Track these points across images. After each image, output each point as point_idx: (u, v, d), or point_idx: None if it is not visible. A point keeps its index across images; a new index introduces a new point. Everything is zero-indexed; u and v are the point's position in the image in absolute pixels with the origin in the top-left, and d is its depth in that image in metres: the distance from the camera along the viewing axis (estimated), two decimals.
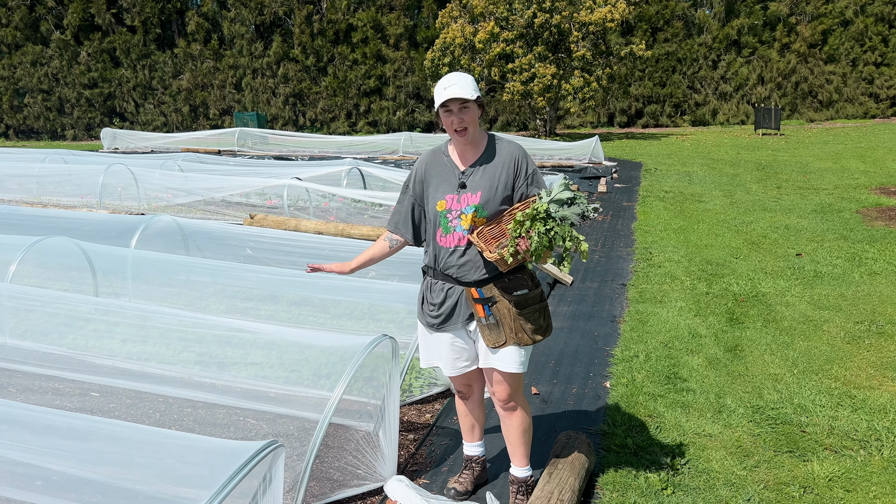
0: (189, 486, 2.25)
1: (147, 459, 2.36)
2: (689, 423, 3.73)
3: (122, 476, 2.79)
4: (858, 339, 5.01)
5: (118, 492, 2.84)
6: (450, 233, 2.68)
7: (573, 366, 4.62)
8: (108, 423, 2.57)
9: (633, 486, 3.11)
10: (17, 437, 2.75)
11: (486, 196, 2.65)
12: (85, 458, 2.80)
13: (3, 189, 11.30)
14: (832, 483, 3.15)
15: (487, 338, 2.68)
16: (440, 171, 2.75)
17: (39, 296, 4.30)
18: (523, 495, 2.90)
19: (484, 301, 2.64)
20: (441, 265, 2.73)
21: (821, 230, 8.82)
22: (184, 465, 2.21)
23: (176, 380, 3.99)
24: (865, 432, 3.62)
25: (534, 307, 2.69)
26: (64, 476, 2.95)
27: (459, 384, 2.98)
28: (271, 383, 3.97)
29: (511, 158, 2.71)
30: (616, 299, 6.13)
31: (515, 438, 2.88)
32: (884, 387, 4.19)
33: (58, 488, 2.89)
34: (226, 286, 5.59)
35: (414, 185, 2.82)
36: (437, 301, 2.75)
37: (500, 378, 2.75)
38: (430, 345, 2.90)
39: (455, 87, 2.56)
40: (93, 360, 4.23)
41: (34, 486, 2.96)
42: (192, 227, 6.20)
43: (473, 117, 2.63)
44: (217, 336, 4.21)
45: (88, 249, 5.05)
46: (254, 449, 2.11)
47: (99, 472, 2.91)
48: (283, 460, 2.21)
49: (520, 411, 2.85)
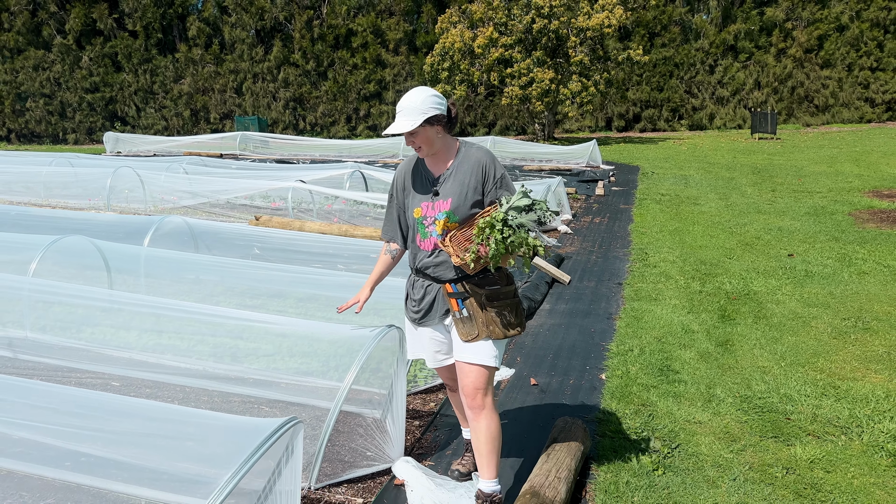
0: (220, 457, 2.44)
1: (173, 436, 2.55)
2: (680, 412, 3.93)
3: (144, 457, 2.98)
4: (845, 334, 5.21)
5: (143, 471, 3.03)
6: (427, 238, 2.83)
7: (570, 359, 4.81)
8: (135, 401, 2.77)
9: (626, 468, 3.31)
10: (49, 418, 2.93)
11: (456, 202, 2.78)
12: (111, 440, 2.99)
13: (10, 192, 11.49)
14: (813, 465, 3.34)
15: (461, 331, 2.79)
16: (416, 180, 2.90)
17: (59, 291, 4.49)
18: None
19: (457, 296, 2.79)
20: (420, 265, 2.89)
21: (813, 232, 9.03)
22: (218, 435, 2.40)
23: (192, 371, 4.18)
24: (847, 419, 3.82)
25: (505, 301, 2.80)
26: (91, 458, 3.14)
27: (444, 377, 3.13)
28: (283, 374, 4.16)
29: (478, 164, 2.81)
30: (612, 297, 6.32)
31: (482, 444, 2.82)
32: (867, 378, 4.39)
33: (87, 468, 3.08)
34: (235, 284, 5.79)
35: (396, 194, 2.98)
36: (417, 297, 2.92)
37: (470, 370, 2.81)
38: (414, 339, 3.05)
39: (396, 120, 2.70)
40: (111, 353, 4.41)
41: (64, 465, 3.15)
42: (201, 227, 6.39)
43: (424, 138, 2.74)
44: (230, 329, 4.40)
45: (104, 248, 5.24)
46: (277, 423, 2.30)
47: (124, 454, 3.11)
48: (302, 436, 2.40)
49: (487, 413, 2.83)
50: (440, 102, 2.74)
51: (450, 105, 2.82)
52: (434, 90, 2.76)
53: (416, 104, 2.68)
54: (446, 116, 2.77)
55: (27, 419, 2.97)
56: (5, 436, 3.24)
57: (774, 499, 3.06)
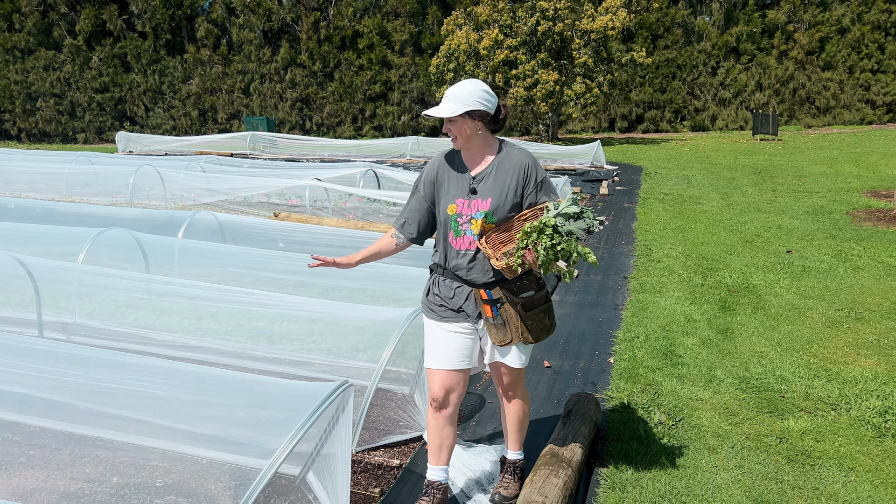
0: (276, 418, 2.79)
1: (243, 396, 2.90)
2: (683, 390, 4.27)
3: (226, 416, 3.33)
4: (838, 323, 5.54)
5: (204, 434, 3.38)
6: (460, 236, 2.76)
7: (580, 345, 5.15)
8: (199, 367, 3.11)
9: (634, 436, 3.65)
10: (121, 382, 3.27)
11: (496, 203, 2.72)
12: (175, 407, 3.34)
13: (34, 189, 11.85)
14: (804, 435, 3.68)
15: (495, 336, 2.78)
16: (452, 175, 2.81)
17: (106, 277, 4.84)
18: (511, 475, 3.09)
19: (492, 302, 2.74)
20: (451, 266, 2.81)
21: (811, 230, 9.36)
22: (280, 399, 2.74)
23: (231, 352, 4.52)
24: (837, 397, 4.15)
25: (539, 308, 2.79)
26: (152, 425, 3.49)
27: (439, 386, 2.84)
28: (316, 355, 4.51)
29: (521, 166, 2.75)
30: (618, 290, 6.66)
31: (512, 424, 3.06)
32: (857, 362, 4.72)
33: (148, 434, 3.43)
34: (262, 275, 6.13)
35: (424, 186, 2.86)
36: (444, 295, 2.83)
37: (506, 371, 2.91)
38: (433, 339, 2.87)
39: (441, 104, 2.67)
40: (155, 336, 4.76)
41: (126, 433, 3.50)
42: (228, 221, 6.74)
43: (461, 129, 2.69)
44: (264, 314, 4.75)
45: (141, 239, 5.59)
46: (333, 386, 2.64)
47: (183, 422, 3.46)
48: (353, 398, 2.74)
49: (519, 400, 3.01)
50: (489, 99, 2.69)
51: (500, 105, 2.76)
52: (487, 87, 2.71)
53: (463, 94, 2.65)
54: (492, 115, 2.72)
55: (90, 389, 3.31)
56: (71, 406, 3.59)
57: (768, 463, 3.39)
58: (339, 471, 2.66)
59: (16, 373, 3.47)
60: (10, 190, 11.91)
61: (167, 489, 3.07)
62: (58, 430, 3.40)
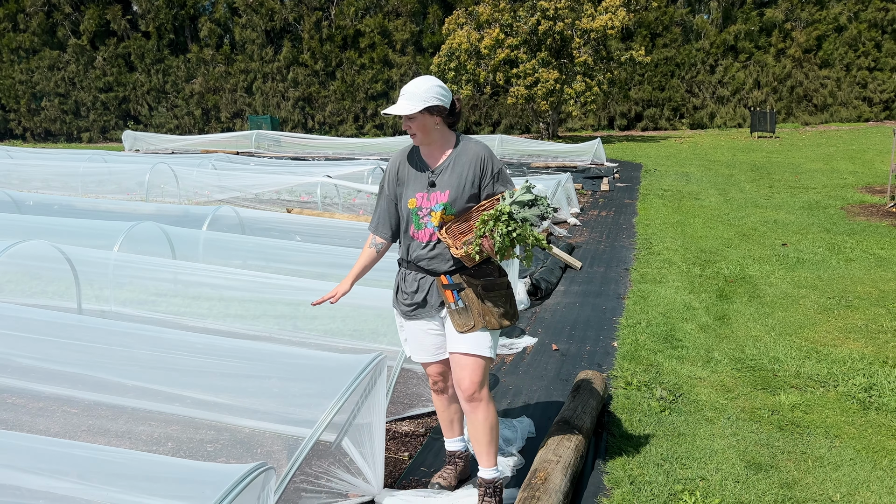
0: (318, 390, 3.10)
1: (282, 367, 3.21)
2: (682, 370, 4.58)
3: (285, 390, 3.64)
4: (829, 310, 5.86)
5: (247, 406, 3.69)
6: (421, 229, 2.83)
7: (586, 330, 5.46)
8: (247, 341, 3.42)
9: (638, 410, 3.96)
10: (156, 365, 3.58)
11: (454, 194, 2.79)
12: (212, 385, 3.65)
13: (49, 187, 12.16)
14: (794, 408, 4.00)
15: (457, 322, 2.80)
16: (412, 170, 2.88)
17: (138, 267, 5.15)
18: (490, 497, 2.89)
19: (453, 287, 2.80)
20: (413, 257, 2.88)
21: (806, 224, 9.68)
22: (318, 372, 3.05)
23: (260, 336, 4.83)
24: (825, 376, 4.47)
25: (500, 292, 2.83)
26: (195, 400, 3.80)
27: (434, 373, 3.05)
28: (339, 339, 4.82)
29: (477, 158, 2.83)
30: (621, 280, 6.97)
31: (481, 435, 2.86)
32: (845, 345, 5.04)
33: (193, 406, 3.74)
34: (282, 267, 6.44)
35: (388, 185, 2.94)
36: (410, 290, 2.90)
37: (466, 363, 2.82)
38: (405, 332, 3.03)
39: (398, 102, 2.73)
40: (187, 322, 5.07)
41: (172, 404, 3.81)
42: (247, 216, 7.05)
43: (421, 125, 2.75)
44: (290, 299, 5.06)
45: (169, 232, 5.90)
46: (369, 358, 2.95)
47: (220, 397, 3.77)
48: (386, 369, 3.05)
49: (485, 405, 2.86)
50: (444, 95, 2.76)
51: (455, 99, 2.84)
52: (441, 82, 2.78)
53: (420, 91, 2.71)
54: (448, 110, 2.79)
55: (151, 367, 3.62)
56: (117, 383, 3.90)
57: (761, 432, 3.71)
58: (376, 433, 2.97)
59: (60, 353, 3.78)
60: (27, 187, 12.21)
61: (217, 453, 3.38)
62: (112, 404, 3.72)
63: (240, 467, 2.02)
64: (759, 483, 3.20)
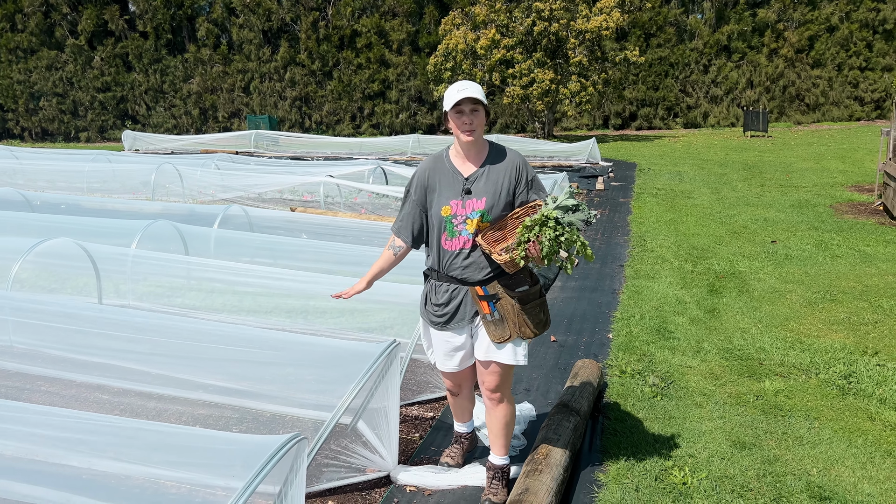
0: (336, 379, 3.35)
1: (301, 353, 3.46)
2: (674, 359, 4.85)
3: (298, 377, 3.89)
4: (814, 304, 6.14)
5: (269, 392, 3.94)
6: (455, 236, 2.81)
7: (582, 323, 5.73)
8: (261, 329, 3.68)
9: (631, 396, 4.23)
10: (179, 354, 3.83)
11: (491, 202, 2.80)
12: (234, 373, 3.90)
13: (55, 186, 12.37)
14: (778, 394, 4.27)
15: (493, 333, 2.80)
16: (443, 178, 2.86)
17: (155, 263, 5.39)
18: (498, 481, 3.07)
19: (488, 298, 2.80)
20: (445, 267, 2.86)
21: (796, 222, 9.97)
22: (335, 359, 3.30)
23: (272, 329, 5.08)
24: (808, 364, 4.75)
25: (535, 302, 2.85)
26: (218, 387, 4.05)
27: (451, 383, 3.16)
28: (349, 331, 5.07)
29: (513, 165, 2.86)
30: (615, 276, 7.24)
31: (498, 429, 3.02)
32: (828, 336, 5.32)
33: (217, 394, 3.99)
34: (290, 263, 6.69)
35: (416, 191, 2.91)
36: (441, 301, 2.90)
37: (496, 369, 2.89)
38: (430, 340, 3.10)
39: (469, 90, 2.71)
40: (202, 316, 5.32)
41: (196, 391, 4.06)
42: (255, 214, 7.29)
43: (481, 121, 2.79)
44: (300, 293, 5.31)
45: (182, 230, 6.14)
46: (383, 346, 3.20)
47: (241, 384, 4.02)
48: (399, 355, 3.31)
49: (506, 403, 2.99)
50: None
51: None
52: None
53: (480, 88, 2.76)
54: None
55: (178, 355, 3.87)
56: (141, 372, 4.14)
57: (746, 414, 3.98)
58: (391, 414, 3.23)
59: (88, 343, 4.02)
60: (33, 186, 12.42)
61: (245, 433, 3.63)
62: (141, 391, 3.96)
63: (277, 437, 2.28)
64: (743, 459, 3.47)
